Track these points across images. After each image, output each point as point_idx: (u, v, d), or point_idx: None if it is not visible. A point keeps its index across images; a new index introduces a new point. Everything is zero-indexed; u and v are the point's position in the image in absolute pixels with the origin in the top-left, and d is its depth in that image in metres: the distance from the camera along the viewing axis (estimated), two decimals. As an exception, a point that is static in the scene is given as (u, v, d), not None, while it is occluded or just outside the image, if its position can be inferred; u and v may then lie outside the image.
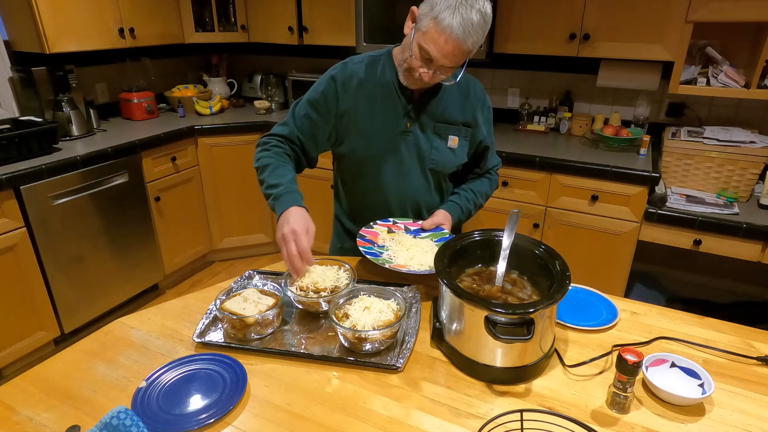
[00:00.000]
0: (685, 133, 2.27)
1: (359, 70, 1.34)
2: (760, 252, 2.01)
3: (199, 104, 3.19)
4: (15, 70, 2.59)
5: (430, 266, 1.19)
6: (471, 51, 1.17)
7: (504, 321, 0.90)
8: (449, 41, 1.13)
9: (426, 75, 1.20)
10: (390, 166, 1.38)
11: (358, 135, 1.36)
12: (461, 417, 0.87)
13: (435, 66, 1.18)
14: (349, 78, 1.34)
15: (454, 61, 1.17)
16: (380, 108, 1.34)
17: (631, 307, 1.20)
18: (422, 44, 1.16)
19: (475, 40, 1.14)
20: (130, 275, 2.70)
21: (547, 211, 2.43)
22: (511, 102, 2.99)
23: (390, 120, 1.35)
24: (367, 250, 1.24)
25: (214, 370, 0.96)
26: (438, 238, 1.31)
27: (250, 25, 3.24)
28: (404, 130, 1.36)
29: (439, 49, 1.14)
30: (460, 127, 1.40)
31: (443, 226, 1.36)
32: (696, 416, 0.88)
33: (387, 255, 1.26)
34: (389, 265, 1.19)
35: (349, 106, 1.34)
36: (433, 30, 1.13)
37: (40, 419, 0.86)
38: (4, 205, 2.08)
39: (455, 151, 1.41)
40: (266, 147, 1.35)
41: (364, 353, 1.01)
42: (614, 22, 2.30)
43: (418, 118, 1.36)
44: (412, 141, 1.37)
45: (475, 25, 1.12)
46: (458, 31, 1.11)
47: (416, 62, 1.20)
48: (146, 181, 2.69)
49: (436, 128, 1.38)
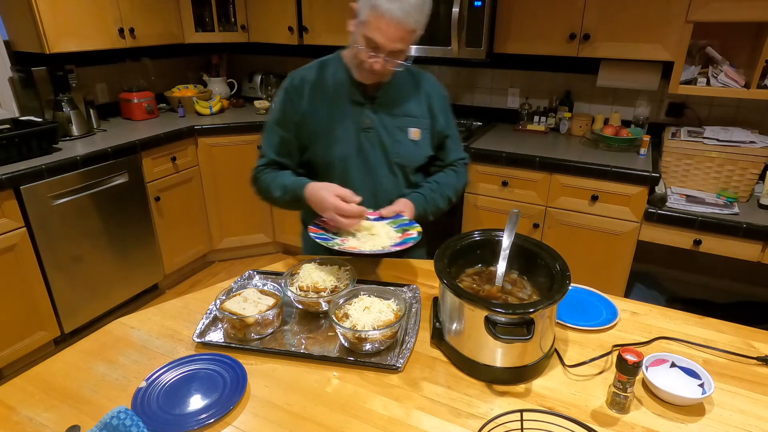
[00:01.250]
0: (685, 133, 2.27)
1: (309, 74, 1.36)
2: (760, 252, 2.01)
3: (199, 104, 3.19)
4: (15, 70, 2.59)
5: (382, 246, 1.19)
6: (416, 30, 1.20)
7: (504, 321, 0.90)
8: (390, 25, 1.16)
9: (377, 64, 1.22)
10: (356, 165, 1.38)
11: (319, 139, 1.36)
12: (461, 417, 0.87)
13: (384, 53, 1.20)
14: (300, 84, 1.36)
15: (401, 44, 1.20)
16: (338, 108, 1.35)
17: (631, 307, 1.20)
18: (366, 34, 1.19)
19: (416, 18, 1.17)
20: (130, 275, 2.70)
21: (547, 211, 2.43)
22: (511, 102, 2.99)
23: (349, 119, 1.35)
24: (317, 236, 1.24)
25: (214, 370, 0.96)
26: (397, 225, 1.29)
27: (250, 25, 3.24)
28: (365, 127, 1.36)
29: (383, 34, 1.17)
30: (419, 119, 1.41)
31: (403, 213, 1.33)
32: (696, 416, 0.88)
33: (340, 240, 1.24)
34: (338, 247, 1.19)
35: (305, 111, 1.35)
36: (373, 18, 1.16)
37: (40, 419, 0.86)
38: (4, 205, 2.08)
39: (418, 143, 1.41)
40: (258, 178, 1.40)
41: (364, 353, 1.01)
42: (614, 22, 2.30)
43: (377, 114, 1.37)
44: (375, 137, 1.37)
45: (413, 5, 1.16)
46: (398, 12, 1.14)
47: (365, 53, 1.22)
48: (146, 181, 2.69)
49: (396, 122, 1.38)
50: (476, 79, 3.05)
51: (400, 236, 1.25)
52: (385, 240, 1.23)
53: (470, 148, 2.48)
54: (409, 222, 1.30)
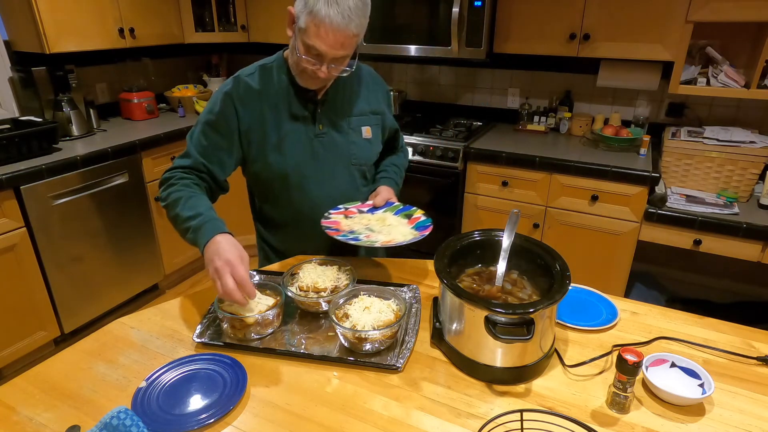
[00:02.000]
0: (685, 133, 2.27)
1: (253, 81, 1.28)
2: (760, 252, 2.01)
3: (199, 104, 3.19)
4: (15, 70, 2.59)
5: (413, 235, 1.19)
6: (357, 35, 1.13)
7: (504, 321, 0.90)
8: (330, 32, 1.09)
9: (321, 72, 1.16)
10: (312, 172, 1.33)
11: (272, 149, 1.29)
12: (461, 417, 0.87)
13: (327, 60, 1.15)
14: (246, 92, 1.26)
15: (343, 50, 1.14)
16: (287, 116, 1.29)
17: (631, 307, 1.20)
18: (306, 41, 1.12)
19: (357, 23, 1.11)
20: (130, 275, 2.70)
21: (547, 211, 2.43)
22: (511, 102, 2.99)
23: (300, 126, 1.30)
24: (341, 237, 1.19)
25: (214, 370, 0.96)
26: (396, 211, 1.31)
27: (250, 25, 3.24)
28: (317, 133, 1.32)
29: (323, 42, 1.11)
30: (369, 116, 1.39)
31: (392, 200, 1.35)
32: (696, 416, 0.88)
33: (365, 237, 1.21)
34: (370, 244, 1.17)
35: (253, 121, 1.27)
36: (312, 25, 1.09)
37: (40, 419, 0.86)
38: (4, 205, 2.08)
39: (371, 141, 1.41)
40: (171, 182, 1.22)
41: (364, 353, 1.01)
42: (614, 22, 2.30)
43: (328, 118, 1.33)
44: (329, 142, 1.33)
45: (353, 9, 1.09)
46: (337, 18, 1.07)
47: (307, 62, 1.16)
48: (146, 181, 2.69)
49: (348, 123, 1.36)
50: (476, 79, 3.05)
51: (408, 221, 1.27)
52: (402, 228, 1.23)
53: (470, 148, 2.48)
54: (404, 206, 1.33)
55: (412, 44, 2.63)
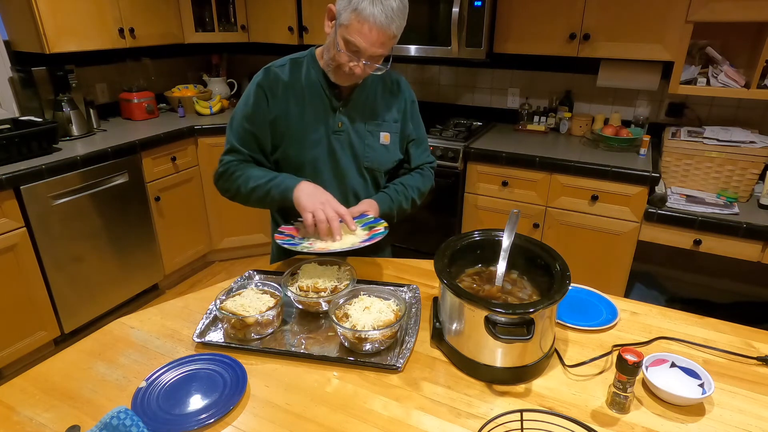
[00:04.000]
0: (685, 133, 2.27)
1: (282, 73, 1.32)
2: (760, 252, 2.01)
3: (199, 104, 3.19)
4: (15, 70, 2.59)
5: (351, 244, 1.17)
6: (396, 36, 1.19)
7: (504, 321, 0.90)
8: (373, 29, 1.14)
9: (357, 68, 1.20)
10: (327, 168, 1.37)
11: (291, 140, 1.34)
12: (461, 417, 0.87)
13: (364, 57, 1.19)
14: (275, 82, 1.32)
15: (382, 48, 1.18)
16: (310, 109, 1.33)
17: (631, 307, 1.20)
18: (347, 37, 1.16)
19: (398, 24, 1.16)
20: (130, 275, 2.70)
21: (547, 211, 2.43)
22: (511, 102, 3.00)
23: (321, 120, 1.34)
24: (284, 242, 1.21)
25: (214, 370, 0.96)
26: (363, 223, 1.28)
27: (250, 25, 3.24)
28: (336, 129, 1.35)
29: (365, 38, 1.15)
30: (390, 123, 1.40)
31: (368, 212, 1.32)
32: (696, 416, 0.88)
33: (308, 243, 1.21)
34: (307, 250, 1.17)
35: (279, 111, 1.32)
36: (355, 21, 1.14)
37: (40, 419, 0.86)
38: (4, 205, 2.08)
39: (388, 148, 1.41)
40: (229, 171, 1.33)
41: (364, 353, 1.01)
42: (614, 22, 2.30)
43: (348, 117, 1.36)
44: (345, 140, 1.36)
45: (396, 10, 1.14)
46: (381, 17, 1.12)
47: (344, 57, 1.19)
48: (146, 181, 2.69)
49: (367, 125, 1.38)
50: (476, 79, 3.05)
51: (368, 233, 1.24)
52: (353, 238, 1.22)
53: (470, 148, 2.48)
54: (374, 219, 1.30)
55: (412, 44, 2.63)
